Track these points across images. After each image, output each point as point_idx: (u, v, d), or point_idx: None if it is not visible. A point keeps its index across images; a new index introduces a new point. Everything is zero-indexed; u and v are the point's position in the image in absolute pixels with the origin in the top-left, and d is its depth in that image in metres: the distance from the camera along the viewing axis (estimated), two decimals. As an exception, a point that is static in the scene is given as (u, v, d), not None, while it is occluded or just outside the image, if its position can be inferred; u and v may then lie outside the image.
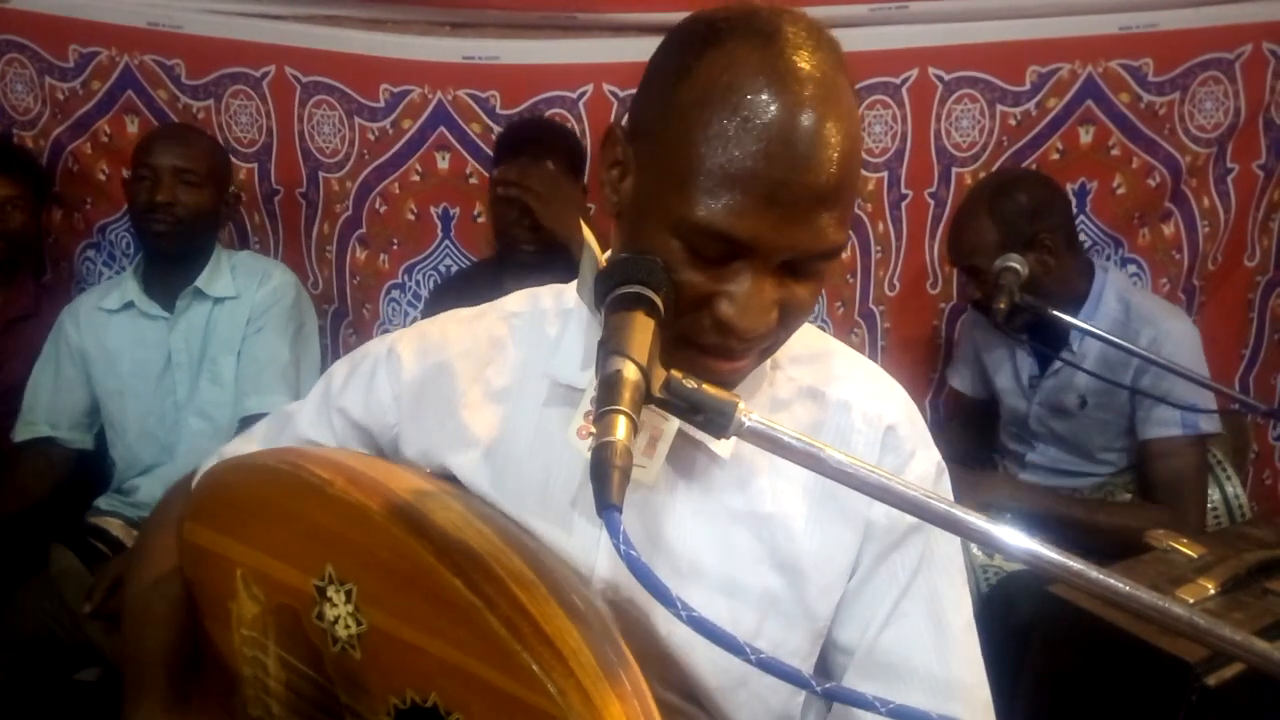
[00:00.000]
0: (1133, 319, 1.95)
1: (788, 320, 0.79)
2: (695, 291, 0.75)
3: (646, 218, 0.77)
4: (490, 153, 2.35)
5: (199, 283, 2.06)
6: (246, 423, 1.92)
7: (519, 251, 2.05)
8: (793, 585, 0.87)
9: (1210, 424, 1.92)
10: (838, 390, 0.91)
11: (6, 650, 1.81)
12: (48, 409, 2.10)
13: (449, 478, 0.94)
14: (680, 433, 0.83)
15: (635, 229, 0.79)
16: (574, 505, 0.88)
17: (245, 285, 2.10)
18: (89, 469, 2.16)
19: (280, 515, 0.88)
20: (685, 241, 0.74)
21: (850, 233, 2.53)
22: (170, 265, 2.06)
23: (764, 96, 0.71)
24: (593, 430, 0.65)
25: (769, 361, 0.90)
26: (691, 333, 0.77)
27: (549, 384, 0.92)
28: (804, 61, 0.73)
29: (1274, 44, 2.32)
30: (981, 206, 1.98)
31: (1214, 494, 2.02)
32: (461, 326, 1.00)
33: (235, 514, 0.93)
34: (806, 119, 0.71)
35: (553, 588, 0.77)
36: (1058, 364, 2.02)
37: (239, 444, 1.09)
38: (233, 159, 2.40)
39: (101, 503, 2.10)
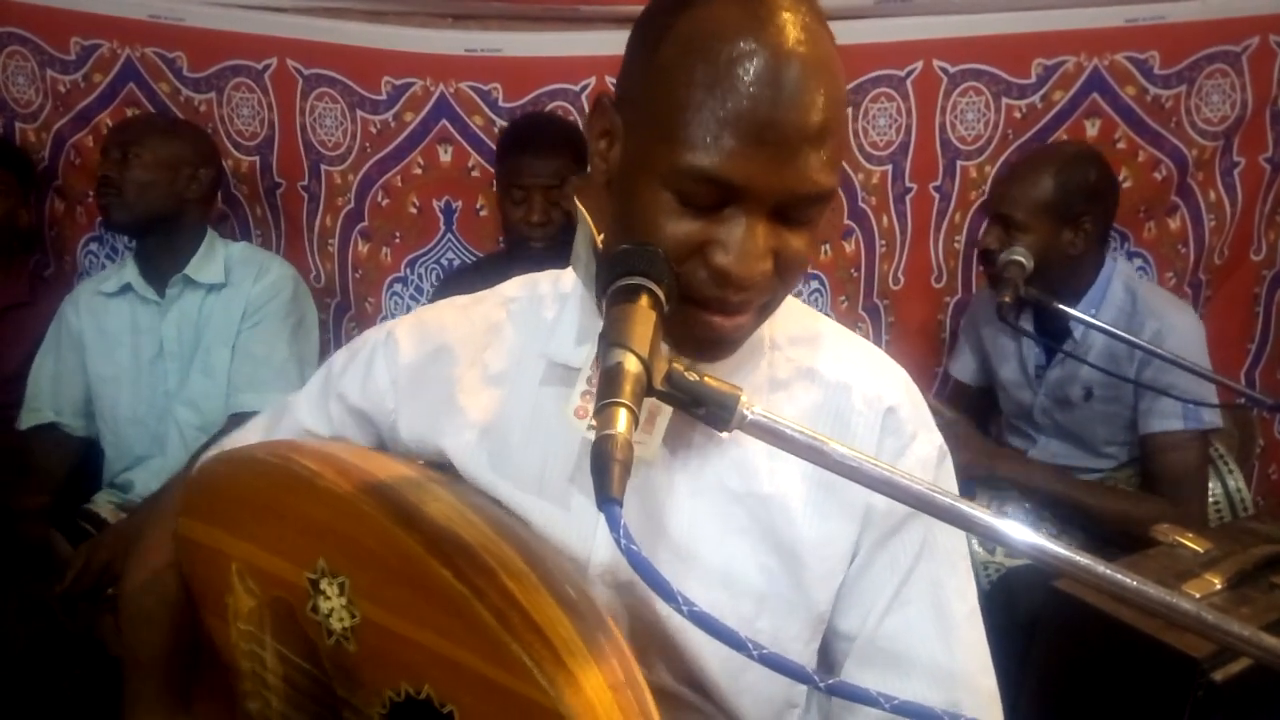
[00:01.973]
0: (1139, 310, 1.95)
1: (784, 272, 0.78)
2: (689, 242, 0.75)
3: (637, 176, 0.77)
4: (493, 145, 2.35)
5: (189, 270, 2.05)
6: (236, 419, 1.92)
7: (529, 246, 2.10)
8: (791, 569, 0.86)
9: (1213, 418, 1.91)
10: (837, 371, 0.91)
11: (13, 639, 1.81)
12: (50, 396, 2.10)
13: (444, 462, 0.93)
14: (679, 413, 0.82)
15: (626, 191, 0.79)
16: (572, 482, 0.88)
17: (241, 276, 2.09)
18: (91, 457, 2.16)
19: (272, 508, 0.87)
20: (676, 191, 0.74)
21: (854, 225, 2.55)
22: (156, 248, 2.07)
23: (747, 42, 0.72)
24: (592, 421, 0.64)
25: (768, 340, 0.90)
26: (689, 288, 0.76)
27: (545, 364, 0.92)
28: (785, 10, 0.74)
29: (1281, 36, 2.31)
30: (1050, 165, 1.96)
31: (1216, 488, 2.01)
32: (459, 312, 1.00)
33: (228, 507, 0.93)
34: (790, 61, 0.72)
35: (544, 577, 0.77)
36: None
37: (238, 436, 1.09)
38: (234, 151, 2.41)
39: (98, 498, 2.09)
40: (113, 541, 1.80)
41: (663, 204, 0.75)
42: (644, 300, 0.71)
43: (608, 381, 0.65)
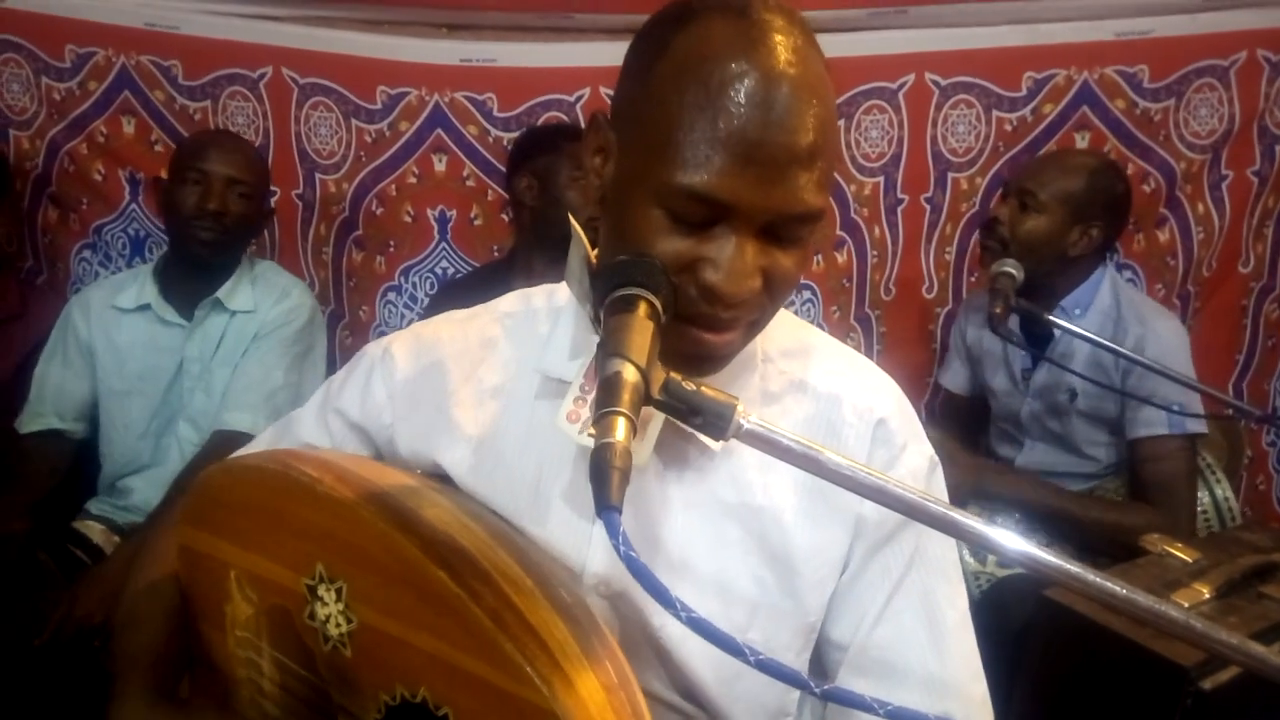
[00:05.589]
0: (1123, 315, 1.97)
1: (773, 290, 0.79)
2: (680, 259, 0.76)
3: (629, 192, 0.78)
4: (488, 155, 2.35)
5: (220, 294, 2.02)
6: (220, 436, 1.92)
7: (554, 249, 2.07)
8: (783, 579, 0.87)
9: (1197, 424, 1.92)
10: (828, 383, 0.92)
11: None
12: (54, 400, 2.06)
13: (440, 476, 0.94)
14: (671, 424, 0.83)
15: (619, 207, 0.80)
16: (565, 499, 0.88)
17: (263, 298, 2.07)
18: (83, 462, 2.13)
19: (271, 515, 0.88)
20: (667, 209, 0.75)
21: (846, 236, 2.56)
22: (196, 273, 2.03)
23: (739, 64, 0.73)
24: (590, 430, 0.65)
25: (759, 353, 0.91)
26: (679, 304, 0.77)
27: (540, 379, 0.92)
28: (777, 33, 0.75)
29: (1268, 51, 2.33)
30: (1088, 163, 2.01)
31: (1204, 497, 2.02)
32: (455, 327, 1.01)
33: (228, 516, 0.93)
34: (781, 83, 0.73)
35: (539, 582, 0.77)
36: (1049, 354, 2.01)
37: (244, 451, 1.09)
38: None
39: (92, 506, 2.07)
40: (93, 589, 1.75)
41: (654, 221, 0.76)
42: (642, 310, 0.72)
43: (606, 390, 0.65)
